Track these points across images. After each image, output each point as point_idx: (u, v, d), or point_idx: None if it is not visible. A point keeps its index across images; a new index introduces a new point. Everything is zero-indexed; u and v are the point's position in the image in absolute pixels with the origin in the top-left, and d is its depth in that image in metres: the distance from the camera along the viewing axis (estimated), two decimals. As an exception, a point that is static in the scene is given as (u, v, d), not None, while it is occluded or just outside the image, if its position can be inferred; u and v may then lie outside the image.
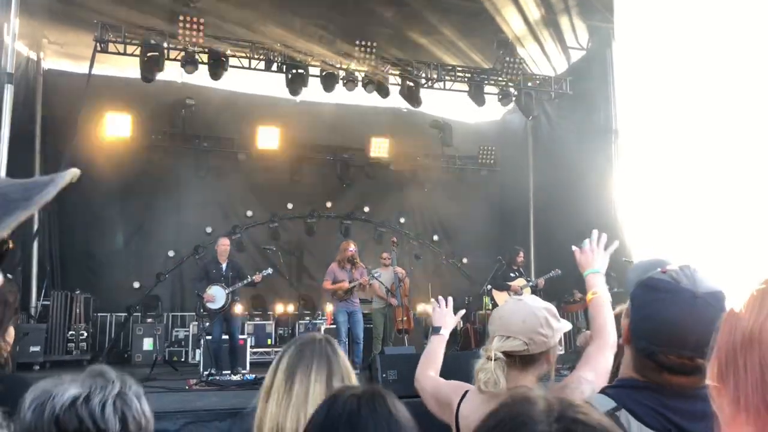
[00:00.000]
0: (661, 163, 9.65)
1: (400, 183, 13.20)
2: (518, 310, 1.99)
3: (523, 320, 1.94)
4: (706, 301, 1.31)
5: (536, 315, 1.96)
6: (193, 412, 5.31)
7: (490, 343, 1.95)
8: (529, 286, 9.55)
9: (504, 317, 1.98)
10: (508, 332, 1.93)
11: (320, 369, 1.80)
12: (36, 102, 10.79)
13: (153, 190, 11.48)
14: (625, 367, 1.46)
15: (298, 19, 10.28)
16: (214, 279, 8.19)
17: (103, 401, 1.20)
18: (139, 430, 1.23)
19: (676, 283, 1.36)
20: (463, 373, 2.13)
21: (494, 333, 1.97)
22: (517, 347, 1.90)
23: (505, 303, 2.11)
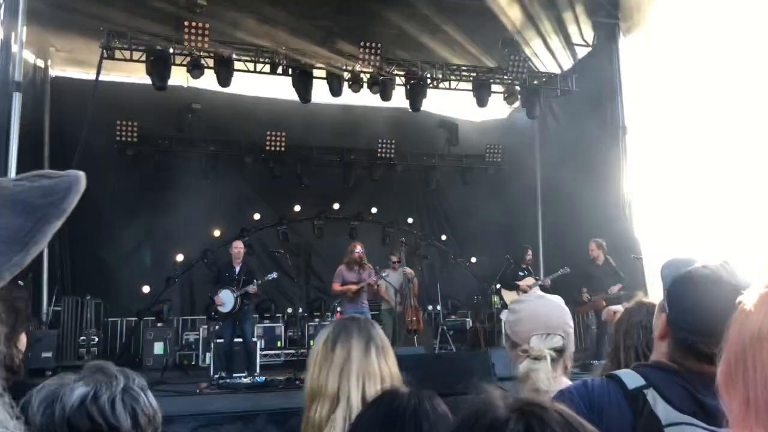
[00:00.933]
0: (670, 158, 9.61)
1: (407, 183, 13.20)
2: (548, 305, 2.01)
3: (557, 316, 1.97)
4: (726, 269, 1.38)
5: (563, 309, 2.00)
6: (205, 415, 5.33)
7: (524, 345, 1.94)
8: (537, 285, 9.52)
9: (539, 315, 1.98)
10: (547, 329, 1.94)
11: (360, 337, 1.87)
12: (44, 109, 10.87)
13: (161, 195, 11.52)
14: (662, 355, 1.46)
15: (303, 22, 10.30)
16: (227, 282, 8.24)
17: (111, 398, 1.19)
18: (148, 423, 1.24)
19: (718, 276, 1.38)
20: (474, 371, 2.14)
21: (529, 333, 1.95)
22: (557, 343, 1.92)
23: (527, 301, 2.09)
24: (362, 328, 1.91)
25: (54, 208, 0.62)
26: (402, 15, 10.39)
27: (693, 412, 1.31)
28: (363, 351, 1.85)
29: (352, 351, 1.84)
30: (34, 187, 0.64)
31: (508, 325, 2.07)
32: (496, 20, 10.27)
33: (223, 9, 9.55)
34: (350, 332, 1.88)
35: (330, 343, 1.87)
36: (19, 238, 0.59)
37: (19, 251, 0.58)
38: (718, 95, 8.55)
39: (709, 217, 8.62)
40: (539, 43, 11.29)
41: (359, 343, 1.86)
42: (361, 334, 1.88)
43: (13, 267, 0.58)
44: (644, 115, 10.48)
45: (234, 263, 8.43)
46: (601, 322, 9.13)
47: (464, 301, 12.62)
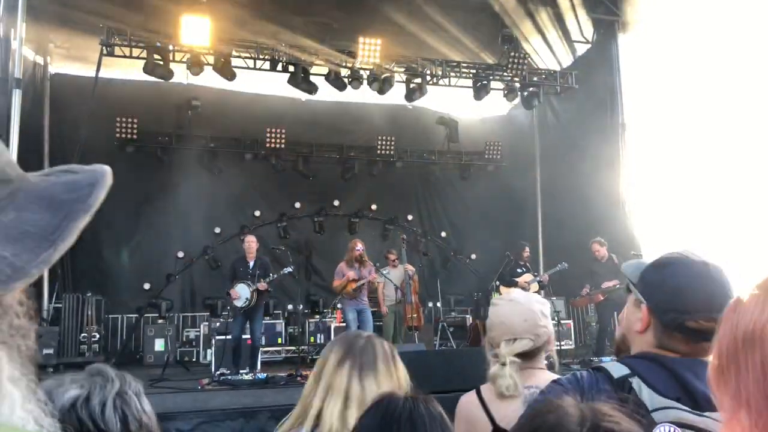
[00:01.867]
0: (669, 155, 9.63)
1: (407, 180, 13.22)
2: (515, 310, 2.04)
3: (524, 319, 2.00)
4: (717, 268, 1.43)
5: (533, 311, 2.02)
6: (207, 411, 5.35)
7: (497, 348, 2.00)
8: (536, 281, 9.54)
9: (505, 321, 2.03)
10: (513, 334, 1.99)
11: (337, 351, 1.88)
12: (44, 106, 10.87)
13: (161, 192, 11.54)
14: (645, 345, 1.49)
15: (302, 19, 10.30)
16: (242, 277, 8.22)
17: (102, 401, 1.19)
18: (139, 428, 1.23)
19: (685, 257, 1.46)
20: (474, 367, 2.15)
21: (499, 338, 2.01)
22: (526, 346, 1.97)
23: (498, 306, 2.12)
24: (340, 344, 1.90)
25: (80, 204, 0.62)
26: (401, 11, 10.39)
27: (677, 397, 1.34)
28: (335, 365, 1.84)
29: (327, 363, 1.86)
30: (59, 182, 0.64)
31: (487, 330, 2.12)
32: (495, 17, 10.27)
33: (223, 5, 9.54)
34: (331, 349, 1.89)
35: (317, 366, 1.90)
36: (46, 235, 0.58)
37: (47, 248, 0.58)
38: (718, 92, 8.56)
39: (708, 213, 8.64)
40: (539, 39, 11.30)
41: (335, 355, 1.86)
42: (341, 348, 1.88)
43: (41, 264, 0.57)
44: (643, 112, 10.49)
45: (248, 258, 8.42)
46: (601, 319, 9.16)
47: (464, 298, 12.64)
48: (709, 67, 8.63)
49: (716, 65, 8.52)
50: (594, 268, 8.99)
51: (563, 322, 10.32)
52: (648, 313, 1.48)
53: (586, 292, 9.01)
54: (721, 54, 8.45)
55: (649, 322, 1.48)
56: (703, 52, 8.71)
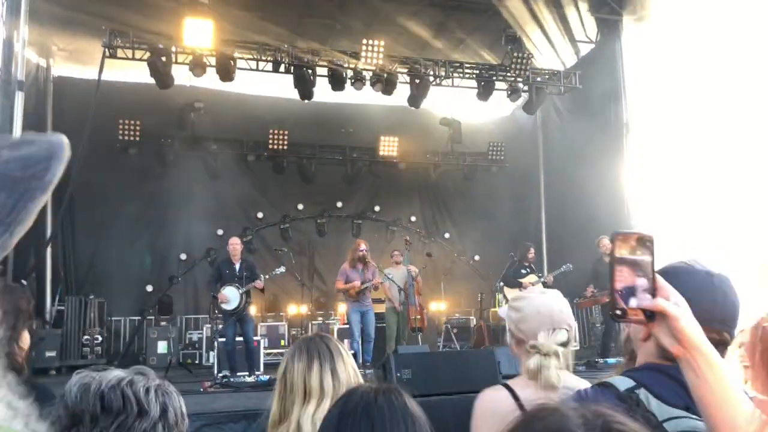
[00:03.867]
0: (673, 155, 9.58)
1: (410, 181, 13.19)
2: (551, 301, 2.03)
3: (560, 310, 2.00)
4: (721, 279, 1.39)
5: (565, 302, 2.05)
6: (209, 414, 5.32)
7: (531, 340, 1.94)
8: (540, 282, 9.50)
9: (542, 311, 2.00)
10: (553, 324, 1.96)
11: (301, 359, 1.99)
12: (46, 108, 10.87)
13: (163, 194, 11.54)
14: (647, 356, 1.46)
15: (305, 20, 10.29)
16: (228, 279, 8.11)
17: (146, 387, 1.23)
18: (176, 425, 1.25)
19: (691, 266, 1.42)
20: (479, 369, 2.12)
21: (536, 329, 1.96)
22: (563, 338, 1.96)
23: (531, 297, 2.09)
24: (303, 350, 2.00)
25: (37, 181, 0.56)
26: (404, 12, 10.37)
27: (686, 406, 1.30)
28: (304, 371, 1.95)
29: (295, 374, 1.95)
30: (13, 157, 0.57)
31: (512, 322, 2.06)
32: (498, 17, 10.24)
33: (225, 7, 9.53)
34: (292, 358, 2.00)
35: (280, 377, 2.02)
36: (1, 218, 0.53)
37: (2, 233, 0.53)
38: (722, 91, 8.51)
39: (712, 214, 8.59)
40: (542, 39, 11.26)
41: (300, 365, 1.96)
42: (301, 356, 1.98)
43: None
44: (648, 112, 10.45)
45: (233, 260, 8.31)
46: (606, 320, 9.12)
47: (468, 299, 12.60)
48: (714, 65, 8.59)
49: (721, 64, 8.48)
50: (598, 267, 8.93)
51: (568, 323, 10.23)
52: None
53: (590, 293, 8.95)
54: (725, 52, 8.41)
55: (650, 332, 1.46)
56: (707, 51, 8.67)
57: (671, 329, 1.08)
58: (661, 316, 1.08)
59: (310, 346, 2.00)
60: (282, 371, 2.01)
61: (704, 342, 1.09)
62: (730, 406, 1.05)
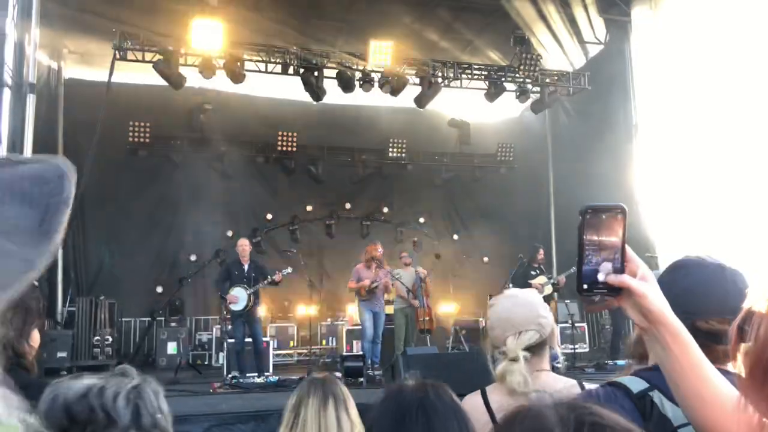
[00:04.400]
0: (682, 156, 9.52)
1: (418, 183, 13.17)
2: (515, 303, 2.04)
3: (526, 311, 1.99)
4: (733, 271, 1.40)
5: (532, 302, 2.03)
6: (218, 415, 5.33)
7: (502, 347, 1.96)
8: (550, 283, 9.46)
9: (507, 315, 2.01)
10: (518, 327, 1.96)
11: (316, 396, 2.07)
12: (58, 111, 10.93)
13: (173, 195, 11.59)
14: None
15: (314, 21, 10.30)
16: (237, 280, 8.17)
17: (116, 393, 1.18)
18: (153, 426, 1.21)
19: (702, 259, 1.44)
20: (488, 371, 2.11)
21: (503, 335, 1.98)
22: (533, 338, 1.94)
23: (496, 304, 2.10)
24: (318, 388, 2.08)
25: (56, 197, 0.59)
26: (413, 14, 10.37)
27: None
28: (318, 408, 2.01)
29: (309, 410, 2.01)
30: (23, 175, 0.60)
31: (488, 331, 2.09)
32: (507, 18, 10.22)
33: (234, 9, 9.57)
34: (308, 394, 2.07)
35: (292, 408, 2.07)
36: (35, 227, 0.56)
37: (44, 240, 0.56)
38: (732, 91, 8.45)
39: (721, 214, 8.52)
40: (551, 40, 11.22)
41: (315, 400, 2.03)
42: (317, 393, 2.06)
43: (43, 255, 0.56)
44: (657, 113, 10.39)
45: (242, 261, 8.36)
46: (615, 322, 9.06)
47: (477, 301, 12.56)
48: (723, 65, 8.53)
49: (730, 64, 8.42)
50: None
51: (577, 325, 10.21)
52: None
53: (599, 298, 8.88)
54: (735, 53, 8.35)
55: None
56: (717, 51, 8.62)
57: (636, 305, 1.10)
58: (627, 291, 1.09)
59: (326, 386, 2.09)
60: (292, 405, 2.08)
61: (670, 316, 1.10)
62: (695, 377, 1.07)
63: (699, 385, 1.08)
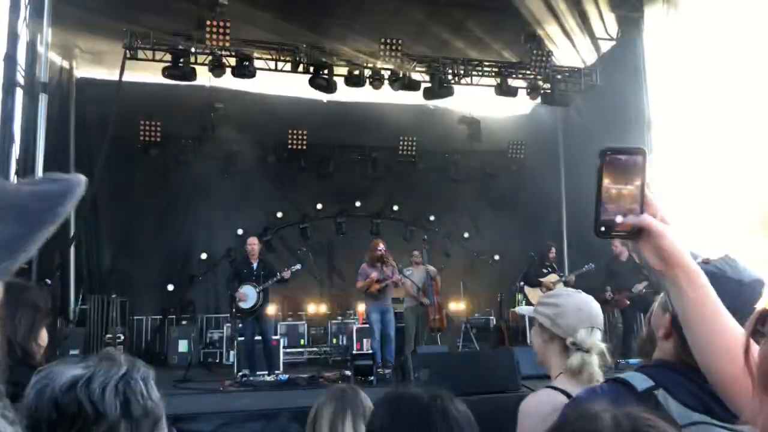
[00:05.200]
0: (697, 153, 9.43)
1: (429, 180, 13.14)
2: (592, 301, 1.99)
3: (598, 312, 1.96)
4: (751, 287, 1.34)
5: (599, 305, 1.99)
6: (228, 413, 5.34)
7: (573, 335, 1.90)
8: (561, 281, 9.40)
9: (583, 308, 1.96)
10: (592, 324, 1.92)
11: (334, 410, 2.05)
12: (69, 110, 11.00)
13: (184, 194, 11.65)
14: (667, 354, 1.42)
15: (323, 19, 10.29)
16: (246, 278, 8.19)
17: (104, 384, 1.15)
18: (145, 415, 1.18)
19: (722, 272, 1.37)
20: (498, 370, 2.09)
21: (576, 325, 1.91)
22: (599, 338, 1.91)
23: (567, 294, 2.04)
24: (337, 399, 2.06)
25: (48, 213, 0.60)
26: (423, 11, 10.34)
27: (707, 410, 1.26)
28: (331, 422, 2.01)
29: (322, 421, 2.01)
30: (33, 191, 0.62)
31: (545, 318, 1.99)
32: (518, 15, 10.16)
33: (244, 7, 9.57)
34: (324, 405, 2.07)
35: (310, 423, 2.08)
36: (10, 244, 0.57)
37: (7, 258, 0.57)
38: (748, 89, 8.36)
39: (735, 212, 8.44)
40: (562, 37, 11.14)
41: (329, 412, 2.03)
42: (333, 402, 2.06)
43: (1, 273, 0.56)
44: (670, 110, 10.30)
45: (251, 259, 8.39)
46: (626, 320, 9.00)
47: (488, 299, 12.53)
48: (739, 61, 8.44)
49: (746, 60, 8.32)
50: (613, 267, 8.81)
51: (589, 323, 10.13)
52: (670, 323, 1.41)
53: (609, 296, 8.79)
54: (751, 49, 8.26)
55: (670, 331, 1.42)
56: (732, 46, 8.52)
57: (655, 246, 1.08)
58: (646, 233, 1.08)
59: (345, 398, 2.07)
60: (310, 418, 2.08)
61: (688, 259, 1.09)
62: (711, 322, 1.07)
63: (713, 332, 1.07)
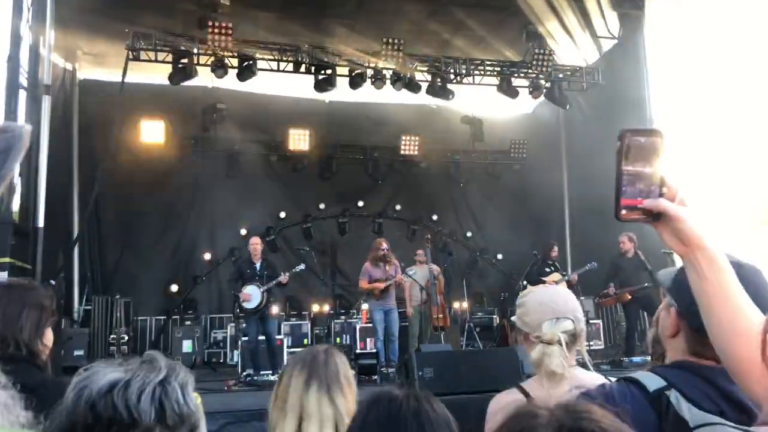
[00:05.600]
0: (699, 152, 9.42)
1: (431, 180, 13.15)
2: (556, 293, 2.03)
3: (565, 301, 1.97)
4: (750, 269, 1.34)
5: (569, 295, 2.02)
6: (233, 412, 5.36)
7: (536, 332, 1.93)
8: (564, 280, 9.39)
9: (546, 301, 1.98)
10: (556, 314, 1.93)
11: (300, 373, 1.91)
12: (73, 111, 11.04)
13: (187, 194, 11.68)
14: (678, 353, 1.42)
15: (325, 19, 10.30)
16: (249, 278, 8.17)
17: (141, 389, 1.13)
18: (181, 422, 1.16)
19: None
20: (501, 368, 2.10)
21: (539, 320, 1.94)
22: (569, 327, 1.92)
23: (534, 291, 2.09)
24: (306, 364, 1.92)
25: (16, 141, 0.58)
26: (424, 10, 10.34)
27: (720, 411, 1.26)
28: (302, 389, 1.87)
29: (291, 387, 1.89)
30: None
31: (517, 318, 2.05)
32: (519, 13, 10.16)
33: (245, 8, 9.59)
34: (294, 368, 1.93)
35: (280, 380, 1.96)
36: None
37: None
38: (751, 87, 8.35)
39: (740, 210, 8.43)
40: (564, 35, 11.14)
41: (299, 378, 1.89)
42: (304, 368, 1.90)
43: None
44: (672, 108, 10.29)
45: (254, 259, 8.37)
46: (630, 318, 8.99)
47: (491, 298, 12.53)
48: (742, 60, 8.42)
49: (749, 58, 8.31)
50: (619, 263, 8.80)
51: (592, 322, 10.17)
52: (677, 316, 1.42)
53: (612, 291, 8.81)
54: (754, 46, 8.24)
55: (678, 327, 1.41)
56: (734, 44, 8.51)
57: (673, 229, 1.08)
58: (665, 216, 1.07)
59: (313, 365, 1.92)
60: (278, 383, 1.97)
61: (708, 241, 1.08)
62: (730, 305, 1.06)
63: (732, 315, 1.06)
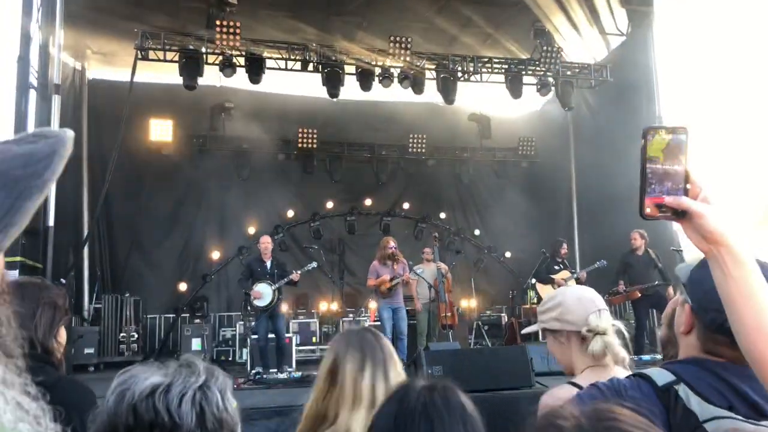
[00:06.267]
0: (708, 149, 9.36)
1: (439, 178, 13.14)
2: (584, 288, 2.08)
3: (595, 295, 2.02)
4: (765, 265, 1.30)
5: (593, 290, 2.06)
6: (242, 410, 5.36)
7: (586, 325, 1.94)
8: (573, 278, 9.36)
9: (584, 296, 2.02)
10: (597, 306, 1.97)
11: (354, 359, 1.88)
12: (82, 111, 11.10)
13: (196, 193, 11.72)
14: (691, 350, 1.41)
15: (333, 18, 10.31)
16: (259, 277, 8.20)
17: (182, 393, 1.15)
18: (219, 427, 1.18)
19: None
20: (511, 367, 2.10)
21: (584, 314, 1.95)
22: (609, 318, 1.97)
23: (563, 292, 2.08)
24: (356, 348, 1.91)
25: (35, 179, 0.55)
26: (432, 8, 10.33)
27: (729, 405, 1.25)
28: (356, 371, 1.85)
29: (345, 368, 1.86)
30: (17, 154, 0.56)
31: (553, 320, 2.02)
32: (527, 11, 10.13)
33: (254, 7, 9.60)
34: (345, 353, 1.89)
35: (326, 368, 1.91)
36: None
37: None
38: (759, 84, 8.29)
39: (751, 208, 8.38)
40: (572, 33, 11.10)
41: (353, 361, 1.87)
42: (354, 354, 1.88)
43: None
44: (681, 105, 10.24)
45: (264, 258, 8.39)
46: (638, 316, 8.95)
47: (499, 296, 12.51)
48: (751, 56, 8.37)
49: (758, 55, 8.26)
50: (629, 260, 8.76)
51: (601, 320, 10.09)
52: (690, 313, 1.40)
53: (622, 288, 8.77)
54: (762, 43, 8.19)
55: (692, 323, 1.40)
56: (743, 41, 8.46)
57: (697, 226, 1.08)
58: (689, 213, 1.08)
59: (364, 346, 1.90)
60: (328, 366, 1.91)
61: (733, 239, 1.06)
62: (756, 303, 1.04)
63: (758, 314, 1.04)
